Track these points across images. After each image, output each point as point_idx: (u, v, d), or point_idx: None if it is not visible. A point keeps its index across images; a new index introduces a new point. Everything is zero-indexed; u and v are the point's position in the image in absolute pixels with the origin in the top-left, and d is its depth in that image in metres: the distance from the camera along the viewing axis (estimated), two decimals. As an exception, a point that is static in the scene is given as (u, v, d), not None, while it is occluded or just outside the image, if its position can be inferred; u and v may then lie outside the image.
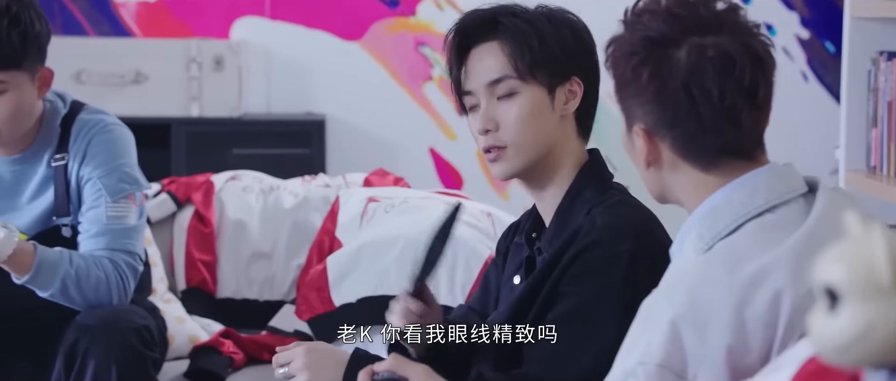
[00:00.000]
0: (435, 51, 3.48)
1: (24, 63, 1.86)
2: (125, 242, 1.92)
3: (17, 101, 1.87)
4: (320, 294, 2.04)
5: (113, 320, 1.87)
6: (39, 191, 1.95)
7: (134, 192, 1.95)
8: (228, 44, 3.25)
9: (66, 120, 1.96)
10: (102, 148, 1.93)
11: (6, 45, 1.83)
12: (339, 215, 2.24)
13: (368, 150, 3.44)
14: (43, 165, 1.95)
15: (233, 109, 3.24)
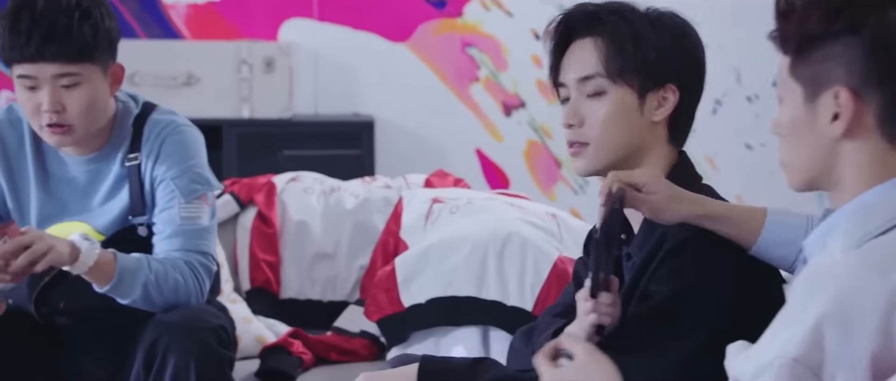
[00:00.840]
0: (482, 52, 3.50)
1: (96, 56, 1.88)
2: (199, 242, 1.94)
3: (90, 94, 1.89)
4: (389, 295, 2.06)
5: (191, 319, 1.89)
6: (114, 191, 1.98)
7: (206, 192, 1.96)
8: (279, 45, 3.28)
9: (138, 120, 1.98)
10: (175, 149, 1.95)
11: (78, 37, 1.85)
12: (403, 216, 2.26)
13: (415, 151, 3.46)
14: (116, 166, 1.97)
15: (283, 110, 3.27)
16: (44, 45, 1.83)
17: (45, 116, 1.88)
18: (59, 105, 1.87)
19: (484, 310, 1.99)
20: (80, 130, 1.91)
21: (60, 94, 1.86)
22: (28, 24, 1.83)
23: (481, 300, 2.00)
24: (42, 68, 1.85)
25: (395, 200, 2.38)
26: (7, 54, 1.87)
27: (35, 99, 1.87)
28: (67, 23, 1.84)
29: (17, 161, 1.99)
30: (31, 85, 1.87)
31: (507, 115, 3.52)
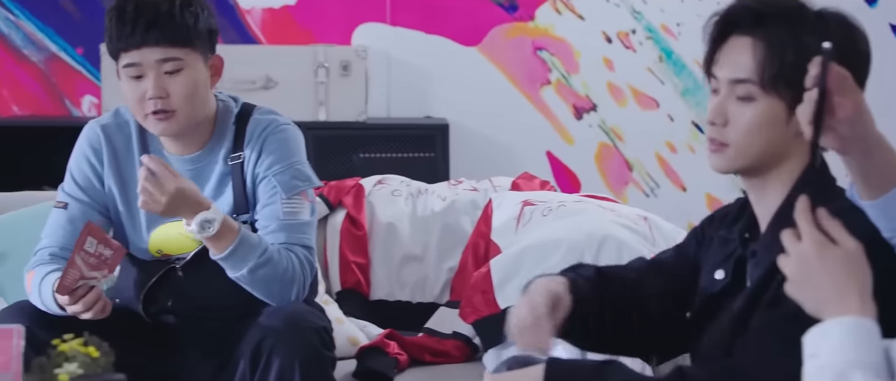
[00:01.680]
0: (553, 55, 3.52)
1: (197, 43, 1.95)
2: (302, 236, 1.98)
3: (192, 80, 1.94)
4: (485, 297, 2.08)
5: (296, 320, 1.93)
6: (218, 190, 2.02)
7: (306, 188, 2.00)
8: (354, 49, 3.32)
9: (239, 119, 2.03)
10: (277, 147, 1.99)
11: (180, 22, 1.92)
12: (493, 218, 2.29)
13: (486, 153, 3.49)
14: (219, 164, 2.01)
15: (359, 113, 3.31)
16: (148, 30, 1.91)
17: (149, 103, 1.94)
18: (163, 91, 1.93)
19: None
20: (182, 116, 1.95)
21: (164, 80, 1.93)
22: (133, 13, 1.91)
23: (578, 302, 2.01)
24: (146, 54, 1.92)
25: (482, 202, 2.40)
26: (114, 45, 1.95)
27: (140, 88, 1.94)
28: (169, 9, 1.92)
29: (126, 163, 2.04)
30: (137, 73, 1.93)
31: (578, 118, 3.53)
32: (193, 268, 2.01)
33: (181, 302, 2.00)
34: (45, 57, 3.42)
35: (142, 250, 2.04)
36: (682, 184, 3.55)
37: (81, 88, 3.45)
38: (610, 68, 3.52)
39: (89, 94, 3.45)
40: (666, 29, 3.51)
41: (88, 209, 2.02)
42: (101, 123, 2.06)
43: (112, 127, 2.05)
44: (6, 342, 1.30)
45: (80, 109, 3.45)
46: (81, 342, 1.32)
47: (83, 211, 2.01)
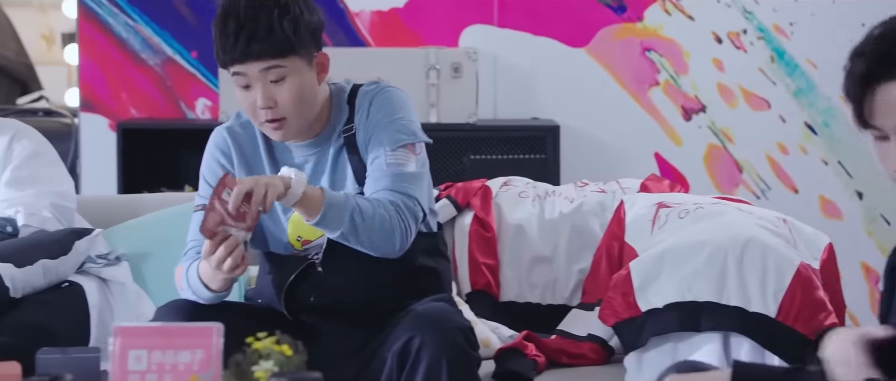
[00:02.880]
0: (662, 56, 3.50)
1: (299, 49, 1.97)
2: (404, 186, 1.99)
3: (298, 85, 1.97)
4: (625, 299, 2.08)
5: (442, 319, 1.95)
6: (336, 165, 2.06)
7: (412, 142, 2.03)
8: (466, 51, 3.34)
9: (351, 97, 2.07)
10: (381, 106, 2.03)
11: (279, 33, 1.95)
12: (627, 220, 2.28)
13: (593, 155, 3.48)
14: (334, 141, 2.06)
15: (469, 115, 3.33)
16: (249, 44, 1.95)
17: (260, 112, 1.99)
18: (271, 100, 1.97)
19: (725, 315, 2.00)
20: (293, 121, 2.00)
21: (270, 89, 1.96)
22: (234, 28, 1.95)
23: (722, 306, 2.01)
24: (250, 67, 1.96)
25: (610, 204, 2.40)
26: (221, 57, 2.00)
27: (250, 97, 1.99)
28: (268, 21, 1.95)
29: (254, 161, 2.09)
30: (245, 84, 1.98)
31: (686, 119, 3.51)
32: (332, 262, 2.04)
33: (322, 297, 2.03)
34: (161, 60, 3.49)
35: (282, 245, 2.08)
36: (793, 186, 3.50)
37: (195, 90, 3.51)
38: (720, 69, 3.49)
39: (203, 96, 3.51)
40: (778, 29, 3.47)
41: None
42: (226, 126, 2.12)
43: (237, 129, 2.10)
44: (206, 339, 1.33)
45: (195, 111, 3.51)
46: (274, 341, 1.34)
47: None
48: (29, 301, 2.10)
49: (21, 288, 2.10)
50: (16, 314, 2.06)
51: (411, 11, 3.52)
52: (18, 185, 2.23)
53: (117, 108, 3.49)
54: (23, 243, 2.14)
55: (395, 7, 3.51)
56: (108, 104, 3.49)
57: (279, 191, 1.87)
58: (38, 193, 2.23)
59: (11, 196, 2.22)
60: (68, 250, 2.17)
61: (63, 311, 2.12)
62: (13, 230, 2.18)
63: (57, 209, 2.24)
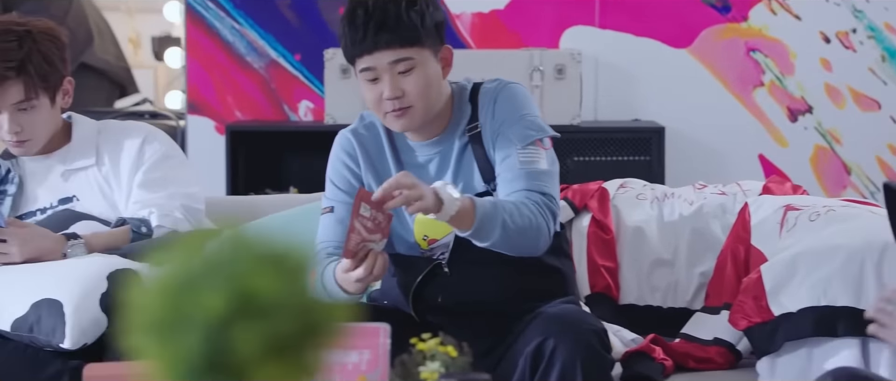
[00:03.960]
0: (767, 57, 3.46)
1: (425, 40, 2.00)
2: (539, 184, 2.00)
3: (425, 76, 2.00)
4: (757, 303, 2.06)
5: (575, 321, 1.95)
6: (461, 163, 2.07)
7: (541, 137, 2.04)
8: (570, 52, 3.33)
9: (472, 95, 2.09)
10: (506, 103, 2.05)
11: (407, 22, 1.98)
12: (752, 222, 2.25)
13: (695, 156, 3.45)
14: (458, 139, 2.07)
15: (573, 117, 3.32)
16: (378, 34, 1.97)
17: (386, 103, 2.01)
18: (398, 90, 1.99)
19: (864, 321, 1.97)
20: (418, 110, 2.02)
21: (398, 80, 1.99)
22: (363, 19, 1.98)
23: (860, 311, 1.98)
24: (379, 57, 1.99)
25: (732, 206, 2.37)
26: (349, 51, 2.02)
27: (377, 90, 2.01)
28: (396, 11, 1.98)
29: (380, 162, 2.11)
30: (372, 77, 2.00)
31: (792, 120, 3.46)
32: (458, 262, 2.05)
33: (450, 298, 2.04)
34: (266, 63, 3.54)
35: (409, 245, 2.10)
36: (904, 188, 3.44)
37: (299, 93, 3.56)
38: (827, 69, 3.44)
39: (306, 99, 3.55)
40: (890, 28, 3.41)
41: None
42: (351, 129, 2.14)
43: (361, 131, 2.12)
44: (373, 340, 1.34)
45: (298, 113, 3.55)
46: (439, 341, 1.35)
47: (349, 209, 2.08)
48: (163, 300, 2.13)
49: (156, 288, 2.13)
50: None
51: (512, 13, 3.52)
52: (150, 187, 2.27)
53: (223, 110, 3.54)
54: (158, 245, 2.18)
55: (496, 8, 3.52)
56: (213, 107, 3.55)
57: (429, 205, 1.88)
58: (170, 194, 2.27)
59: (144, 198, 2.26)
60: (200, 250, 2.21)
61: (195, 310, 2.15)
62: (148, 231, 2.22)
63: (187, 211, 2.28)
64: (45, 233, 2.14)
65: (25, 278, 2.06)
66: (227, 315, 0.79)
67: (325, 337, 0.85)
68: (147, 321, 0.83)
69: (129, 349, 0.84)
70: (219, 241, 0.83)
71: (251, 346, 0.76)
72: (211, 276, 0.81)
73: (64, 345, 2.00)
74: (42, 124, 2.26)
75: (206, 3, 3.49)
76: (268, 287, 0.80)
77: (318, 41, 3.49)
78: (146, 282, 0.84)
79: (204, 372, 0.80)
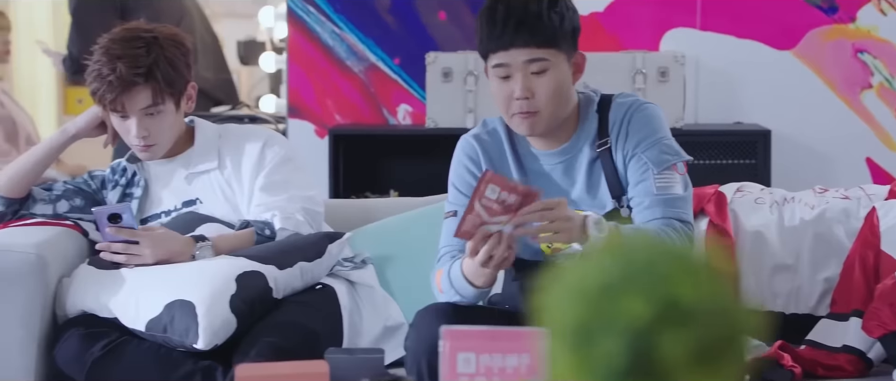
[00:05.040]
0: (875, 58, 3.40)
1: (562, 43, 2.00)
2: (677, 210, 1.99)
3: (557, 80, 1.99)
4: (893, 310, 2.02)
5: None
6: (590, 178, 2.05)
7: (676, 162, 2.02)
8: (674, 55, 3.30)
9: (601, 107, 2.07)
10: (641, 124, 2.03)
11: (547, 23, 1.97)
12: (881, 227, 2.21)
13: (800, 159, 3.40)
14: (586, 153, 2.05)
15: (676, 119, 3.29)
16: (516, 32, 1.97)
17: (515, 103, 2.00)
18: (529, 91, 1.99)
19: None
20: (545, 115, 2.01)
21: (530, 80, 1.98)
22: (503, 15, 1.98)
23: None
24: (514, 55, 1.98)
25: (855, 210, 2.32)
26: (484, 46, 2.02)
27: (507, 88, 2.00)
28: (537, 10, 1.97)
29: (502, 167, 2.10)
30: (505, 74, 2.00)
31: None
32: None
33: None
34: (365, 67, 3.56)
35: (531, 250, 2.09)
36: None
37: (397, 97, 3.57)
38: (940, 70, 3.37)
39: (405, 103, 3.57)
40: None
41: None
42: (473, 134, 2.14)
43: (484, 136, 2.12)
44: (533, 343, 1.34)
45: (396, 117, 3.57)
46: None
47: None
48: (288, 302, 2.16)
49: (282, 289, 2.16)
50: (278, 315, 2.12)
51: (611, 15, 3.50)
52: (271, 190, 2.30)
53: (322, 114, 3.57)
54: (282, 246, 2.20)
55: (595, 11, 3.50)
56: (314, 110, 3.58)
57: (573, 236, 1.87)
58: (290, 197, 2.29)
59: (266, 201, 2.29)
60: (322, 253, 2.23)
61: (320, 312, 2.18)
62: (271, 234, 2.25)
63: (308, 213, 2.30)
64: (175, 236, 2.18)
65: (158, 280, 2.10)
66: (652, 321, 0.79)
67: (747, 344, 0.83)
68: (566, 325, 0.82)
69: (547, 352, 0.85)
70: (631, 247, 0.83)
71: (677, 352, 0.76)
72: (632, 282, 0.81)
73: (197, 345, 2.03)
74: (167, 129, 2.30)
75: (308, 7, 3.52)
76: (690, 293, 0.80)
77: (417, 45, 3.51)
78: (561, 288, 0.84)
79: (625, 377, 0.79)
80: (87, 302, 2.12)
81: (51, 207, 2.33)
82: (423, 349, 1.95)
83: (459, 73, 3.30)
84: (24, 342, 2.04)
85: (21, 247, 2.08)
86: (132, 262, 2.14)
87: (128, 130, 2.28)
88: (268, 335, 2.06)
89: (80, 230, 2.30)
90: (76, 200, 2.35)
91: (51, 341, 2.10)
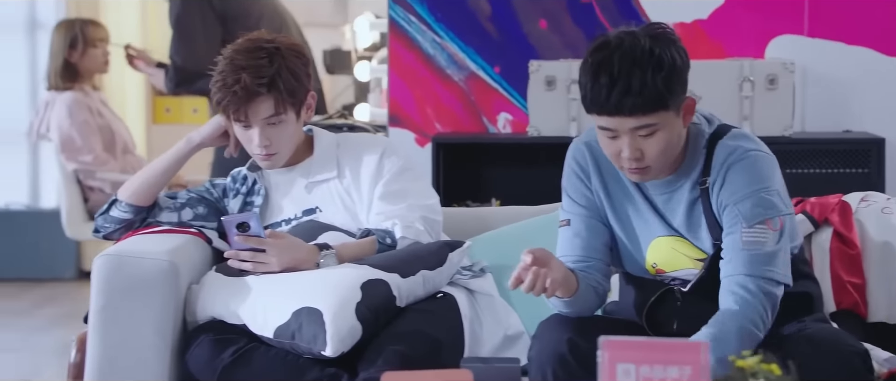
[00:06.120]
0: None
1: (669, 103, 1.93)
2: (763, 268, 1.92)
3: (666, 138, 1.95)
4: None
5: (837, 343, 1.89)
6: (690, 213, 2.01)
7: (771, 217, 1.95)
8: (783, 62, 3.25)
9: (710, 142, 2.01)
10: (739, 175, 1.96)
11: (652, 90, 1.90)
12: None
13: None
14: (688, 188, 2.01)
15: (785, 128, 3.23)
16: (621, 101, 1.90)
17: (625, 161, 1.96)
18: (638, 152, 1.94)
19: None
20: (656, 168, 1.98)
21: (638, 142, 1.93)
22: (607, 81, 1.91)
23: None
24: (621, 122, 1.93)
25: None
26: (588, 105, 1.96)
27: (615, 145, 1.96)
28: (641, 79, 1.89)
29: (611, 173, 2.07)
30: (611, 135, 1.96)
31: None
32: (700, 292, 2.00)
33: (688, 325, 1.98)
34: (466, 76, 3.56)
35: (639, 267, 2.07)
36: None
37: (498, 105, 3.56)
38: None
39: (505, 111, 3.56)
40: None
41: (589, 220, 2.07)
42: (584, 140, 2.11)
43: (594, 143, 2.09)
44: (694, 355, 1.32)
45: (496, 125, 3.56)
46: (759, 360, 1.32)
47: (585, 222, 2.07)
48: (411, 311, 2.16)
49: (405, 297, 2.16)
50: (402, 323, 2.13)
51: (716, 23, 3.45)
52: (391, 199, 2.31)
53: (422, 122, 3.58)
54: (404, 255, 2.21)
55: (699, 19, 3.45)
56: (414, 119, 3.59)
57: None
58: (409, 206, 2.30)
59: (386, 209, 2.30)
60: (444, 261, 2.23)
61: (442, 321, 2.18)
62: (392, 242, 2.25)
63: (427, 222, 2.30)
64: (300, 244, 2.19)
65: (285, 288, 2.12)
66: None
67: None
68: None
69: None
70: None
71: None
72: None
73: (325, 353, 2.04)
74: (288, 138, 2.32)
75: (409, 16, 3.54)
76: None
77: (518, 53, 3.50)
78: None
79: None
80: (216, 309, 2.14)
81: (176, 215, 2.36)
82: (548, 358, 1.94)
83: (563, 81, 3.28)
84: (158, 347, 2.08)
85: (154, 254, 2.12)
86: (259, 269, 2.16)
87: (250, 140, 2.31)
88: (393, 344, 2.06)
89: (204, 238, 2.33)
90: (199, 208, 2.39)
91: (181, 346, 2.13)
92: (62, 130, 4.34)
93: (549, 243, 2.38)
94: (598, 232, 2.05)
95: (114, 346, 2.07)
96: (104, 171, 4.38)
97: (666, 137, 1.94)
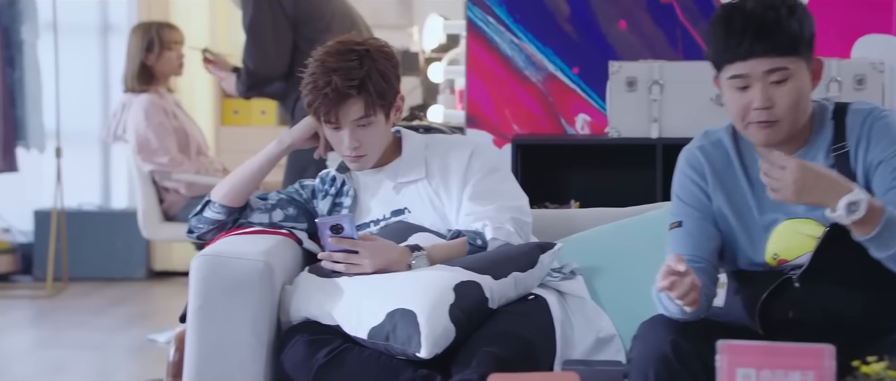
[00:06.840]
0: None
1: (802, 50, 1.94)
2: None
3: (797, 89, 1.94)
4: None
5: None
6: None
7: None
8: (872, 63, 3.18)
9: (836, 114, 2.02)
10: (885, 132, 1.97)
11: (787, 30, 1.92)
12: None
13: None
14: (821, 158, 2.00)
15: (873, 129, 3.17)
16: (756, 41, 1.92)
17: (753, 113, 1.95)
18: (768, 101, 1.94)
19: None
20: (785, 124, 1.96)
21: (770, 90, 1.93)
22: (741, 23, 1.92)
23: None
24: (754, 65, 1.93)
25: None
26: (719, 56, 1.97)
27: (744, 98, 1.95)
28: (776, 17, 1.92)
29: (729, 177, 2.05)
30: (742, 85, 1.95)
31: None
32: (811, 275, 1.97)
33: (804, 312, 1.96)
34: (544, 77, 3.54)
35: (755, 264, 2.03)
36: None
37: (576, 106, 3.54)
38: None
39: (583, 112, 3.54)
40: None
41: (701, 222, 2.05)
42: (697, 145, 2.11)
43: (708, 147, 2.08)
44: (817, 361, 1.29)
45: (574, 126, 3.54)
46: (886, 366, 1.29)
47: (697, 224, 2.05)
48: (503, 313, 2.15)
49: (497, 299, 2.15)
50: (494, 325, 2.11)
51: (799, 22, 3.39)
52: (480, 199, 2.30)
53: (500, 123, 3.57)
54: (495, 257, 2.20)
55: (782, 18, 3.40)
56: (491, 120, 3.58)
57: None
58: (499, 207, 2.29)
59: (475, 210, 2.29)
60: (535, 263, 2.22)
61: (534, 323, 2.16)
62: (483, 243, 2.24)
63: (517, 223, 2.29)
64: (392, 245, 2.19)
65: (378, 289, 2.12)
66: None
67: None
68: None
69: None
70: None
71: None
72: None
73: (420, 354, 2.04)
74: (377, 140, 2.32)
75: (487, 18, 3.53)
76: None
77: (596, 54, 3.47)
78: None
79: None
80: (310, 309, 2.15)
81: (267, 216, 2.38)
82: (651, 359, 1.92)
83: (644, 82, 3.25)
84: (254, 347, 2.09)
85: (250, 255, 2.13)
86: (351, 271, 2.17)
87: (340, 141, 2.31)
88: (486, 346, 2.05)
89: (295, 239, 2.34)
90: (289, 209, 2.40)
91: (276, 346, 2.14)
92: (138, 132, 4.39)
93: (638, 246, 2.35)
94: (709, 235, 2.03)
95: (211, 345, 2.09)
96: (179, 172, 4.42)
97: (797, 87, 1.94)
